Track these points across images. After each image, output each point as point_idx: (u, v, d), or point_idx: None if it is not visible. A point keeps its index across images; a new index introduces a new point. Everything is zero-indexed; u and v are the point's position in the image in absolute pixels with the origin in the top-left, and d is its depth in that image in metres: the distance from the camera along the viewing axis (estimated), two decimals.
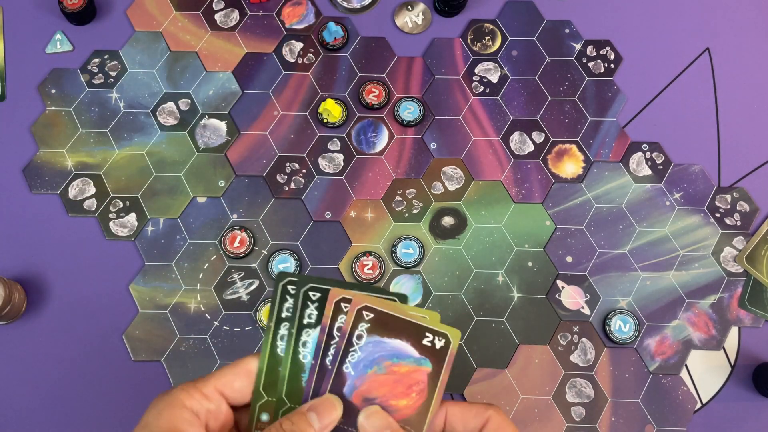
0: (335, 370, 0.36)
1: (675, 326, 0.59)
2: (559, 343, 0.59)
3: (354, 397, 0.35)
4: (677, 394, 0.58)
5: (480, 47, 0.67)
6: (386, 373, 0.36)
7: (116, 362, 0.58)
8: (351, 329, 0.36)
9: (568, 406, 0.57)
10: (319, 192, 0.62)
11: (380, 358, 0.36)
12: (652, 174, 0.63)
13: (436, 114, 0.65)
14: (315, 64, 0.66)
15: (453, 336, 0.36)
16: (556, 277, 0.60)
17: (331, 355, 0.36)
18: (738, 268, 0.61)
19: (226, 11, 0.68)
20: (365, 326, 0.36)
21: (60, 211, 0.61)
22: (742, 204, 0.63)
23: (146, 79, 0.65)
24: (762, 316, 0.60)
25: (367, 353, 0.36)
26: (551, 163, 0.64)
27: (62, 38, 0.66)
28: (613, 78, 0.66)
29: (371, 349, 0.36)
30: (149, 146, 0.63)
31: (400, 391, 0.36)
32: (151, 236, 0.61)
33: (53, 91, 0.65)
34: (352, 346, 0.36)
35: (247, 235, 0.60)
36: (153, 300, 0.59)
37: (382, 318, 0.36)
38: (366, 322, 0.36)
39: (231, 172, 0.63)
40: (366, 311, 0.36)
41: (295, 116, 0.64)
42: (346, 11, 0.68)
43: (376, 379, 0.36)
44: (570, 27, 0.68)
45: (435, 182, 0.63)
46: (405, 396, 0.36)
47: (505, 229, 0.62)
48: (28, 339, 0.58)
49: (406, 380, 0.36)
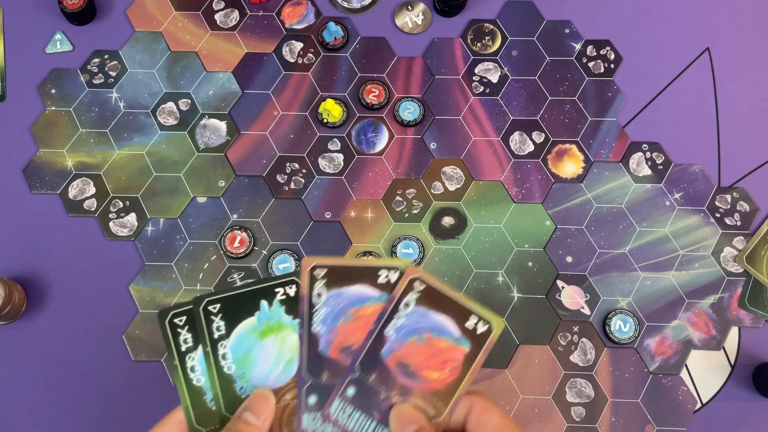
0: (377, 331, 0.37)
1: (675, 326, 0.59)
2: (559, 343, 0.59)
3: (390, 360, 0.37)
4: (677, 394, 0.58)
5: (480, 47, 0.67)
6: (425, 344, 0.37)
7: (116, 362, 0.58)
8: (401, 296, 0.37)
9: (568, 406, 0.57)
10: (319, 192, 0.62)
11: (422, 329, 0.37)
12: (652, 174, 0.63)
13: (436, 114, 0.65)
14: (315, 64, 0.66)
15: (497, 324, 0.37)
16: (556, 277, 0.60)
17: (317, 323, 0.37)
18: (738, 268, 0.61)
19: (226, 11, 0.68)
20: (415, 296, 0.37)
21: (60, 211, 0.61)
22: (742, 204, 0.63)
23: (146, 79, 0.65)
24: (762, 316, 0.60)
25: (411, 322, 0.37)
26: (551, 163, 0.64)
27: (62, 38, 0.66)
28: (613, 78, 0.66)
29: (415, 319, 0.37)
30: (149, 146, 0.63)
31: (434, 364, 0.37)
32: (151, 236, 0.61)
33: (53, 91, 0.65)
34: (397, 312, 0.37)
35: (247, 235, 0.60)
36: (153, 300, 0.59)
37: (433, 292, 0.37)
38: (416, 293, 0.37)
39: (231, 172, 0.63)
40: (418, 282, 0.37)
41: (295, 116, 0.64)
42: (346, 11, 0.68)
43: (414, 348, 0.37)
44: (570, 27, 0.68)
45: (435, 182, 0.63)
46: (438, 369, 0.37)
47: (505, 229, 0.62)
48: (28, 339, 0.58)
49: (442, 355, 0.37)
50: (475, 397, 0.37)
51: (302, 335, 0.37)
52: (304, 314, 0.37)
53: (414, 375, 0.37)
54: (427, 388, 0.37)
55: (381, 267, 0.37)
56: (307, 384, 0.37)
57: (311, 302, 0.37)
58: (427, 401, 0.37)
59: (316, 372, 0.37)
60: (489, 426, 0.36)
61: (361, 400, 0.37)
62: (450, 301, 0.37)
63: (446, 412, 0.37)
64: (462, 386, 0.37)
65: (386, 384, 0.37)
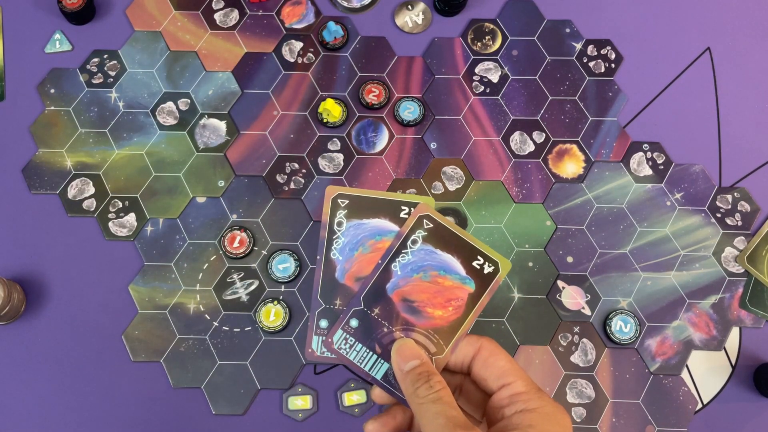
0: (383, 266, 0.37)
1: (676, 327, 0.59)
2: (559, 343, 0.59)
3: (394, 295, 0.37)
4: (678, 395, 0.58)
5: (480, 47, 0.67)
6: (430, 281, 0.37)
7: (116, 362, 0.57)
8: (408, 233, 0.37)
9: (569, 407, 0.57)
10: (319, 192, 0.62)
11: (428, 267, 0.37)
12: (652, 174, 0.63)
13: (436, 114, 0.65)
14: (315, 63, 0.66)
15: (503, 265, 0.37)
16: (556, 278, 0.60)
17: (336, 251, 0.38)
18: (739, 269, 0.61)
19: (225, 11, 0.68)
20: (422, 234, 0.37)
21: (59, 211, 0.61)
22: (743, 204, 0.63)
23: (145, 78, 0.65)
24: (763, 317, 0.60)
25: (417, 259, 0.37)
26: (552, 163, 0.63)
27: (61, 38, 0.66)
28: (614, 78, 0.66)
29: (422, 256, 0.37)
30: (148, 146, 0.63)
31: (438, 302, 0.37)
32: (151, 236, 0.60)
33: (52, 91, 0.64)
34: (405, 248, 0.37)
35: (246, 235, 0.60)
36: (152, 300, 0.59)
37: (441, 231, 0.37)
38: (424, 231, 0.37)
39: (230, 172, 0.62)
40: (427, 220, 0.37)
41: (295, 116, 0.64)
42: (346, 11, 0.68)
43: (419, 285, 0.37)
44: (570, 26, 0.68)
45: (435, 182, 0.63)
46: (442, 307, 0.37)
47: (506, 229, 0.61)
48: (27, 339, 0.58)
49: (446, 293, 0.37)
50: (484, 340, 0.37)
51: (320, 260, 0.38)
52: (324, 240, 0.38)
53: (418, 311, 0.37)
54: (430, 326, 0.37)
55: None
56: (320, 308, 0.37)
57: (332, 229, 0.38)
58: (429, 338, 0.37)
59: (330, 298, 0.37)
60: (495, 369, 0.36)
61: (364, 332, 0.37)
62: (458, 241, 0.37)
63: (447, 350, 0.37)
64: (465, 325, 0.37)
65: (389, 319, 0.37)
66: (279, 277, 0.59)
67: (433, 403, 0.34)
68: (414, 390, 0.35)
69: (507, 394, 0.35)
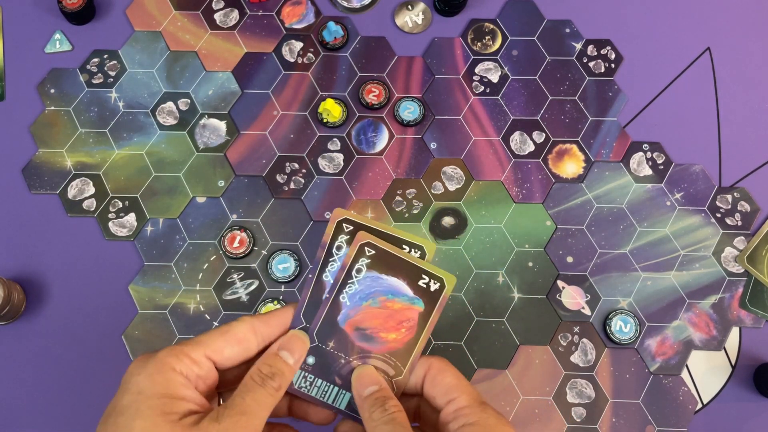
0: (332, 299, 0.38)
1: (676, 327, 0.59)
2: (559, 343, 0.59)
3: (347, 326, 0.38)
4: (678, 395, 0.58)
5: (480, 47, 0.67)
6: (380, 307, 0.38)
7: (116, 362, 0.57)
8: (351, 263, 0.38)
9: (569, 407, 0.57)
10: (319, 192, 0.62)
11: (376, 293, 0.38)
12: (652, 174, 0.63)
13: (436, 114, 0.64)
14: (315, 63, 0.66)
15: (448, 281, 0.38)
16: (556, 278, 0.60)
17: (328, 272, 0.38)
18: (739, 269, 0.61)
19: (225, 11, 0.68)
20: (366, 261, 0.38)
21: (59, 211, 0.61)
22: (743, 204, 0.63)
23: (145, 78, 0.65)
24: (763, 317, 0.60)
25: (364, 287, 0.38)
26: (552, 163, 0.63)
27: (61, 38, 0.66)
28: (614, 78, 0.66)
29: (368, 284, 0.38)
30: (148, 146, 0.63)
31: (390, 325, 0.38)
32: (151, 236, 0.60)
33: (52, 91, 0.64)
34: (350, 278, 0.38)
35: (246, 235, 0.60)
36: (152, 300, 0.59)
37: (383, 256, 0.38)
38: (367, 258, 0.38)
39: (230, 172, 0.62)
40: (368, 247, 0.38)
41: (295, 116, 0.64)
42: (346, 11, 0.68)
43: (369, 312, 0.38)
44: (570, 26, 0.68)
45: (435, 182, 0.63)
46: (395, 330, 0.38)
47: (506, 229, 0.61)
48: (27, 339, 0.58)
49: (397, 316, 0.38)
50: (433, 359, 0.38)
51: (311, 279, 0.38)
52: (319, 261, 0.38)
53: (372, 338, 0.38)
54: (386, 350, 0.38)
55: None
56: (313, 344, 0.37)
57: (329, 251, 0.38)
58: (386, 362, 0.38)
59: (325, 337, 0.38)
60: (442, 386, 0.37)
61: (321, 367, 0.38)
62: (401, 262, 0.38)
63: (405, 371, 0.38)
64: (419, 344, 0.38)
65: (345, 350, 0.38)
66: (279, 277, 0.59)
67: (385, 425, 0.34)
68: (370, 414, 0.35)
69: (452, 409, 0.36)
